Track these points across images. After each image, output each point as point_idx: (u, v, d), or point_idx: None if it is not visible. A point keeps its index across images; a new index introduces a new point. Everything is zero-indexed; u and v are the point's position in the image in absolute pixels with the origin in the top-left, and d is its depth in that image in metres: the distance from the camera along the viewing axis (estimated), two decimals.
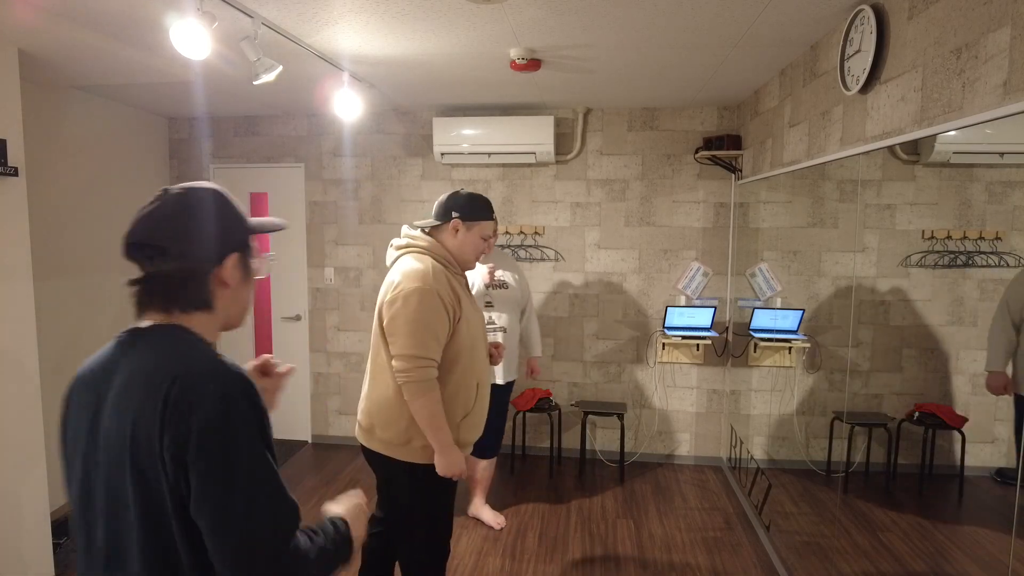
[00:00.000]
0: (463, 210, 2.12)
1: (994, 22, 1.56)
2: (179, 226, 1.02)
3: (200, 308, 1.05)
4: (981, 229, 1.89)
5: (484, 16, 2.45)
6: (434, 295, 1.96)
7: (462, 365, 2.06)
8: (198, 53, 2.24)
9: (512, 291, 3.23)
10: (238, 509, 0.92)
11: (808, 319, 3.02)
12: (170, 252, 1.00)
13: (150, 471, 0.92)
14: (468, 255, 2.16)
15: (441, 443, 1.99)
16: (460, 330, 2.03)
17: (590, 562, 3.11)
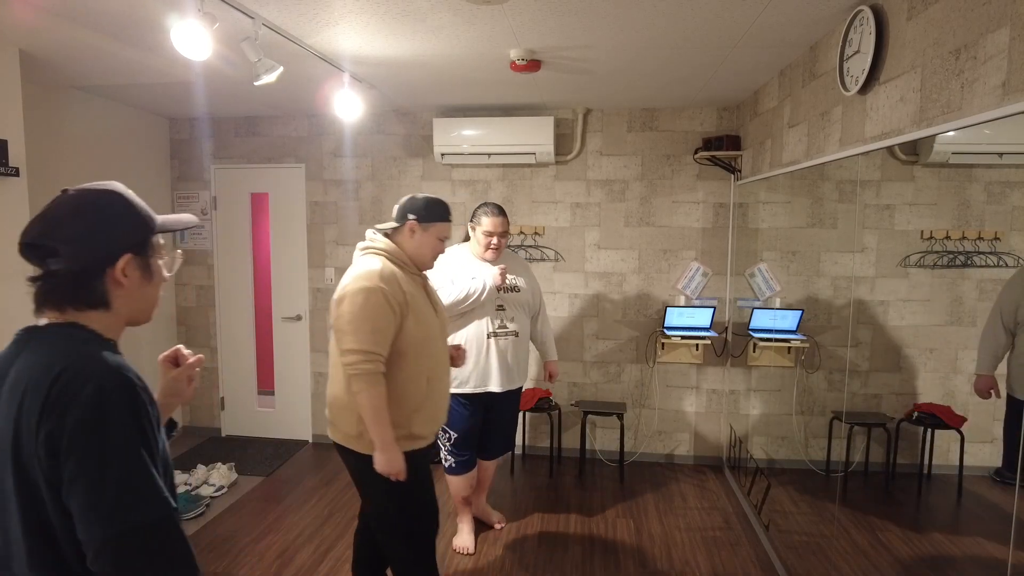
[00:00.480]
0: (419, 213, 2.21)
1: (993, 23, 1.56)
2: (69, 227, 1.03)
3: (95, 307, 1.06)
4: (980, 229, 1.90)
5: (484, 17, 2.46)
6: (379, 293, 2.04)
7: (410, 360, 2.14)
8: (199, 54, 2.25)
9: (524, 295, 3.11)
10: (103, 504, 0.93)
11: (807, 319, 3.02)
12: (61, 253, 1.02)
13: (30, 467, 0.95)
14: (425, 256, 2.25)
15: (380, 439, 2.06)
16: (407, 327, 2.11)
17: (590, 562, 3.11)
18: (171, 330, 4.76)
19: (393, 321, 2.08)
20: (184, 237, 4.73)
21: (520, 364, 3.14)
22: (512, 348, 3.05)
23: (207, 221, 4.70)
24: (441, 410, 2.32)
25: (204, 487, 3.76)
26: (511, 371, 3.07)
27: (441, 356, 2.29)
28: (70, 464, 0.93)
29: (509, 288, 3.06)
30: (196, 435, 4.81)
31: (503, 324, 3.04)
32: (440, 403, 2.30)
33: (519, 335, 3.08)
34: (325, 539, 3.29)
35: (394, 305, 2.07)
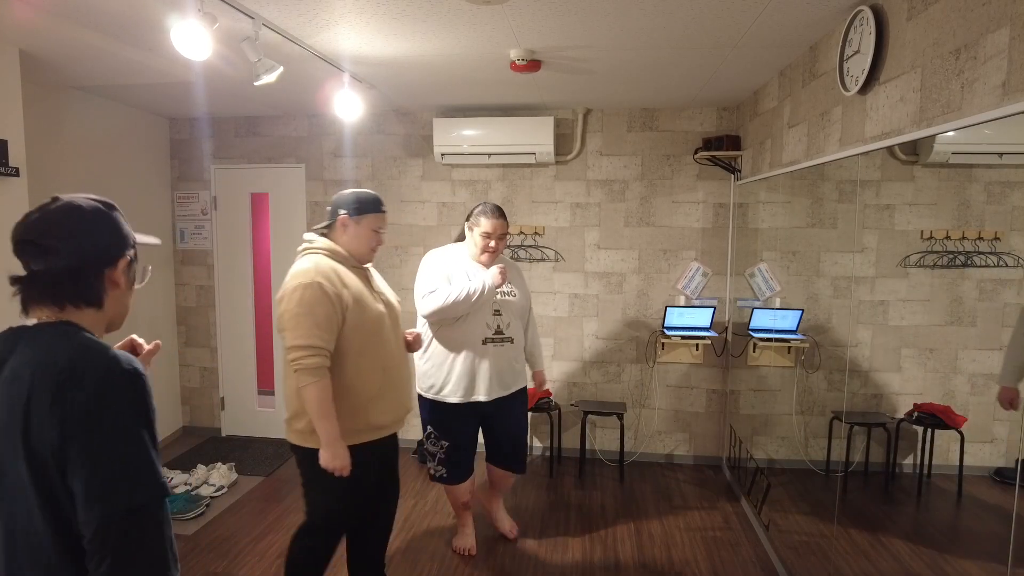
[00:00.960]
0: (349, 206, 2.25)
1: (993, 23, 1.56)
2: (71, 227, 1.08)
3: (91, 304, 1.11)
4: (980, 229, 1.90)
5: (484, 17, 2.46)
6: (316, 287, 2.08)
7: (361, 352, 2.19)
8: (199, 54, 2.25)
9: (520, 300, 3.01)
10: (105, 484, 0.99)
11: (807, 319, 3.02)
12: (62, 250, 1.06)
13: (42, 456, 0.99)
14: (361, 248, 2.28)
15: (326, 434, 2.08)
16: (351, 319, 2.15)
17: (590, 562, 3.11)
18: (171, 330, 4.76)
19: (334, 313, 2.10)
20: (184, 237, 4.73)
21: (515, 369, 3.01)
22: (507, 355, 2.93)
23: (207, 221, 4.70)
24: (403, 398, 2.37)
25: (204, 487, 3.76)
26: (503, 378, 2.93)
27: (394, 345, 2.33)
28: (75, 447, 0.98)
29: (506, 292, 2.96)
30: (196, 435, 4.81)
31: (499, 330, 2.90)
32: (401, 391, 2.35)
33: (515, 342, 2.95)
34: None
35: (333, 298, 2.10)
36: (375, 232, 2.29)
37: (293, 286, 2.09)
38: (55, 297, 1.08)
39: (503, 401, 2.96)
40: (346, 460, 2.12)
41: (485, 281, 2.79)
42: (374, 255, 2.35)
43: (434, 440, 2.98)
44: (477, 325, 2.85)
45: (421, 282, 2.87)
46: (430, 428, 2.97)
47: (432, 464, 3.01)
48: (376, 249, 2.34)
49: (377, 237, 2.31)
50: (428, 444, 3.01)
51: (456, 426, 2.95)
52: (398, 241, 4.51)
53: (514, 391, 3.03)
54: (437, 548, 3.22)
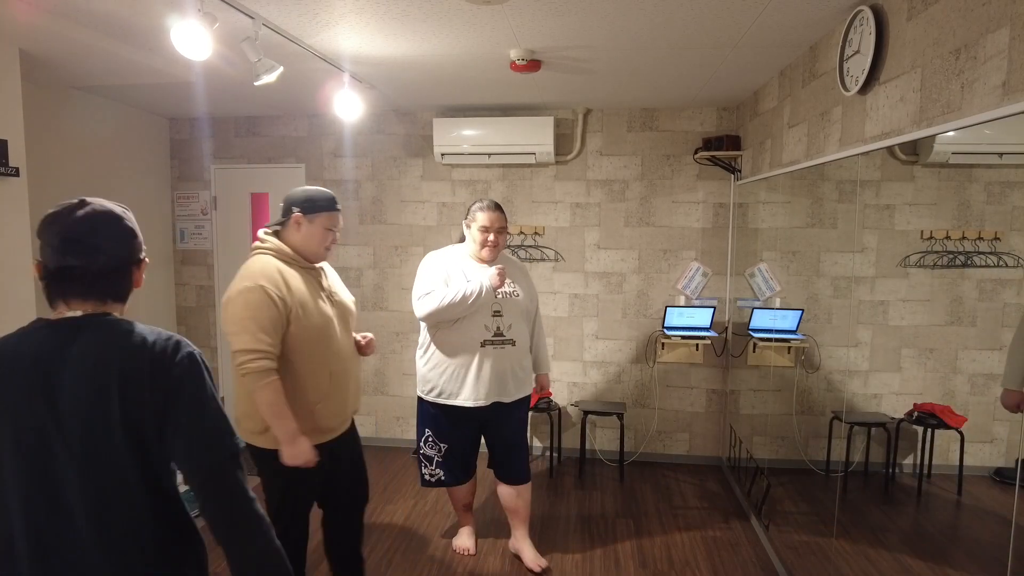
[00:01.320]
0: (302, 205, 2.23)
1: (993, 23, 1.56)
2: (113, 229, 1.24)
3: (122, 299, 1.27)
4: (980, 229, 1.90)
5: (484, 17, 2.46)
6: (259, 291, 2.06)
7: (306, 354, 2.17)
8: (199, 54, 2.25)
9: (522, 300, 2.88)
10: (210, 436, 1.22)
11: (807, 319, 3.02)
12: (107, 251, 1.21)
13: (139, 421, 1.17)
14: (314, 247, 2.25)
15: (283, 432, 2.08)
16: (297, 321, 2.13)
17: (590, 562, 3.11)
18: (171, 330, 4.75)
19: (279, 316, 2.09)
20: (184, 237, 4.73)
21: (519, 375, 2.86)
22: (509, 358, 2.80)
23: (207, 221, 4.70)
24: (349, 400, 2.36)
25: None
26: (506, 383, 2.81)
27: (343, 347, 2.32)
28: (178, 411, 1.19)
29: (508, 293, 2.83)
30: None
31: (499, 332, 2.78)
32: (347, 393, 2.34)
33: (516, 344, 2.82)
34: None
35: (277, 300, 2.08)
36: (328, 231, 2.26)
37: (238, 289, 2.08)
38: (101, 293, 1.22)
39: (502, 408, 2.85)
40: (309, 454, 2.11)
41: (483, 282, 2.70)
42: (328, 254, 2.33)
43: (432, 443, 2.93)
44: (475, 327, 2.76)
45: (417, 284, 2.81)
46: (428, 431, 2.93)
47: (429, 468, 2.96)
48: (330, 248, 2.31)
49: (331, 236, 2.28)
50: (425, 447, 2.96)
51: (454, 430, 2.88)
52: (398, 241, 4.51)
53: (516, 399, 2.89)
54: (437, 548, 3.22)
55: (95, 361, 1.16)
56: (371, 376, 4.64)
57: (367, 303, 4.59)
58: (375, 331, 4.60)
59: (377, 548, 3.22)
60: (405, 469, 4.23)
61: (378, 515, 3.58)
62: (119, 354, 1.17)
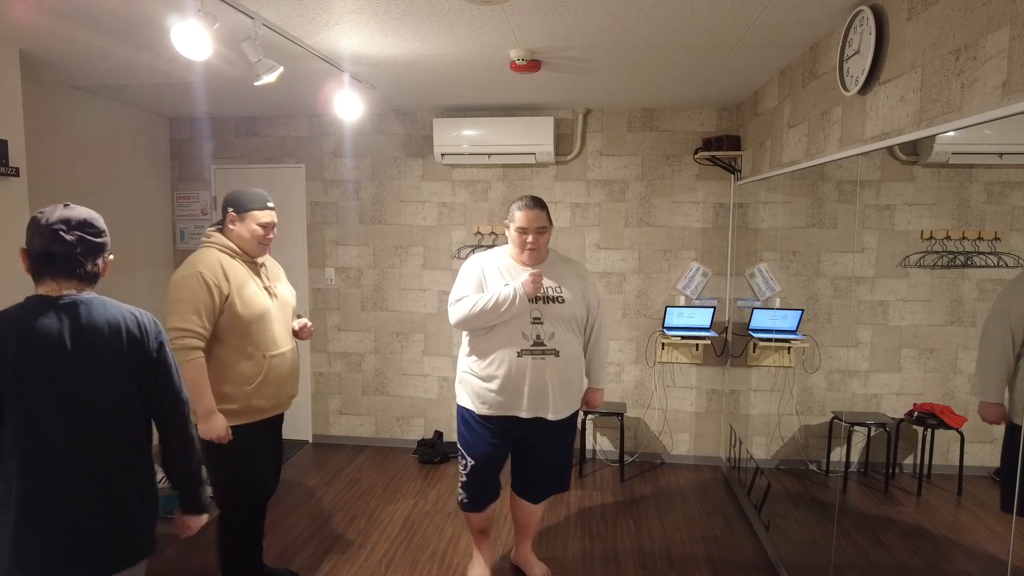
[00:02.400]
0: (235, 204, 2.45)
1: (993, 23, 1.56)
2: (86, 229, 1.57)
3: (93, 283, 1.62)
4: (980, 229, 1.90)
5: (484, 17, 2.46)
6: (196, 277, 2.29)
7: (242, 337, 2.38)
8: (199, 54, 2.25)
9: (568, 306, 2.55)
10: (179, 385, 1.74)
11: (807, 319, 3.02)
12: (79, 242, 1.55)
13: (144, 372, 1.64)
14: (247, 242, 2.45)
15: (201, 407, 2.28)
16: (233, 307, 2.34)
17: (590, 562, 3.11)
18: None
19: (212, 301, 2.30)
20: (184, 237, 4.73)
21: (565, 389, 2.57)
22: (552, 370, 2.51)
23: (207, 221, 4.70)
24: (285, 385, 2.55)
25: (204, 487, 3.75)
26: (547, 396, 2.52)
27: (278, 334, 2.50)
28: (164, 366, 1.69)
29: (549, 298, 2.53)
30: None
31: (539, 340, 2.49)
32: (284, 377, 2.53)
33: (560, 354, 2.51)
34: (325, 539, 3.29)
35: (212, 286, 2.29)
36: (260, 227, 2.45)
37: (179, 275, 2.31)
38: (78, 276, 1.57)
39: (543, 425, 2.57)
40: (221, 431, 2.31)
41: (515, 287, 2.45)
42: (264, 249, 2.51)
43: (462, 455, 2.70)
44: (511, 335, 2.49)
45: (453, 289, 2.62)
46: (459, 444, 2.72)
47: (461, 480, 2.73)
48: (265, 243, 2.49)
49: (261, 232, 2.45)
50: (459, 457, 2.74)
51: (483, 443, 2.62)
52: (398, 241, 4.51)
53: (563, 417, 2.59)
54: (437, 548, 3.22)
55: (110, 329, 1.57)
56: (371, 376, 4.64)
57: (367, 303, 4.59)
58: (375, 331, 4.61)
59: (377, 548, 3.22)
60: (405, 469, 4.23)
61: (378, 515, 3.58)
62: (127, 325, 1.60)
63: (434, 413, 4.61)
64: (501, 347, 2.51)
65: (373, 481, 4.03)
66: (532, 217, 2.53)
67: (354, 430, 4.70)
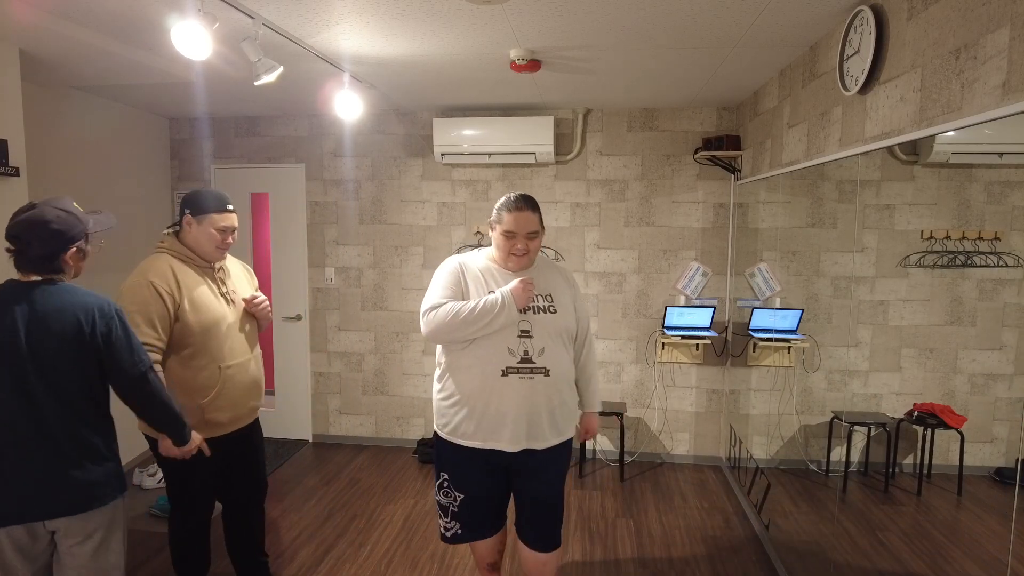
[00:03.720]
0: (192, 206, 2.30)
1: (993, 23, 1.56)
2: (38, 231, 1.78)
3: (58, 273, 1.84)
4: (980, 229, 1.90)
5: (484, 17, 2.46)
6: (148, 286, 2.18)
7: (196, 347, 2.27)
8: (199, 54, 2.25)
9: (560, 318, 2.22)
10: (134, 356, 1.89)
11: (807, 319, 3.02)
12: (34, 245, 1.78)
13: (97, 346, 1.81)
14: (204, 247, 2.32)
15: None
16: (185, 316, 2.24)
17: (590, 562, 3.11)
18: None
19: (164, 310, 2.19)
20: None
21: (556, 414, 2.21)
22: (542, 391, 2.16)
23: None
24: (245, 397, 2.43)
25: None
26: (538, 424, 2.17)
27: (235, 344, 2.38)
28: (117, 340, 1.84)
29: (540, 308, 2.20)
30: None
31: (527, 357, 2.14)
32: (243, 389, 2.41)
33: (551, 373, 2.16)
34: (325, 539, 3.29)
35: (163, 294, 2.19)
36: (217, 231, 2.31)
37: (128, 285, 2.20)
38: (39, 269, 1.81)
39: (532, 455, 2.21)
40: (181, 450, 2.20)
41: (502, 295, 2.10)
42: (221, 253, 2.38)
43: (447, 490, 2.31)
44: (495, 351, 2.13)
45: (428, 294, 2.23)
46: (443, 475, 2.31)
47: (444, 519, 2.34)
48: (222, 248, 2.35)
49: (218, 236, 2.32)
50: (439, 494, 2.34)
51: (473, 476, 2.26)
52: (398, 241, 4.52)
53: (552, 444, 2.23)
54: (437, 548, 3.22)
55: (61, 313, 1.78)
56: (371, 376, 4.64)
57: (367, 303, 4.59)
58: (375, 331, 4.61)
59: (377, 548, 3.22)
60: (405, 469, 4.24)
61: (378, 515, 3.58)
62: (77, 308, 1.80)
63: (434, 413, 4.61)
64: (481, 364, 2.14)
65: (373, 481, 4.03)
66: (523, 220, 2.16)
67: (354, 430, 4.70)
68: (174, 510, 2.50)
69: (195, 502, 2.48)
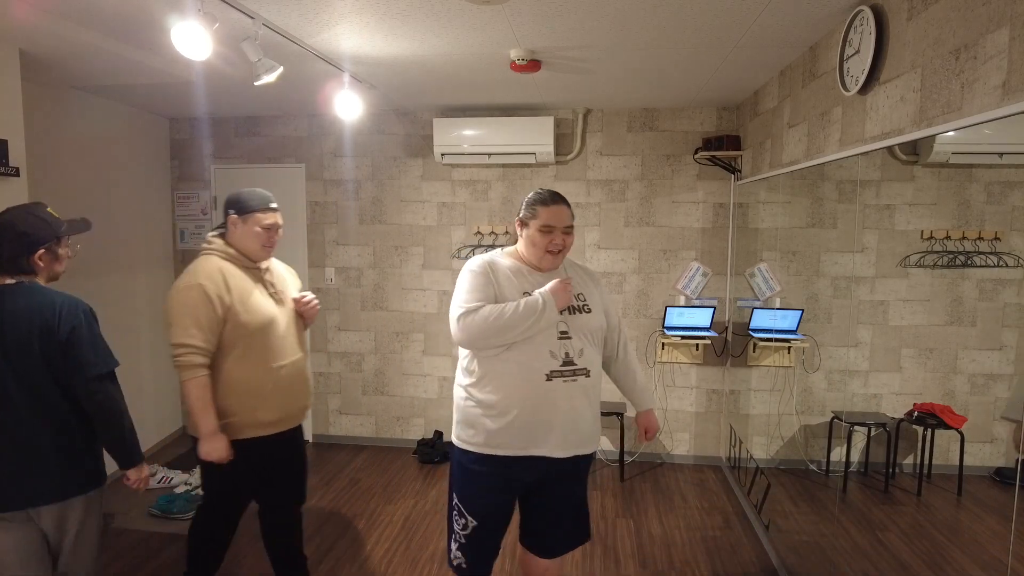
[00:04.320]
0: (236, 206, 2.32)
1: (993, 23, 1.56)
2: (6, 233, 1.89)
3: (28, 274, 1.93)
4: (980, 229, 1.90)
5: (484, 17, 2.46)
6: (196, 288, 2.18)
7: (247, 348, 2.27)
8: (199, 54, 2.25)
9: (594, 318, 2.15)
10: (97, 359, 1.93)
11: (807, 319, 3.02)
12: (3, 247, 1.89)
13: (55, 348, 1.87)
14: (250, 246, 2.33)
15: (203, 426, 2.19)
16: (236, 317, 2.23)
17: (590, 562, 3.11)
18: None
19: (215, 314, 2.19)
20: (184, 237, 4.73)
21: (595, 417, 2.16)
22: (584, 394, 2.07)
23: (207, 221, 4.70)
24: (295, 396, 2.43)
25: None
26: (580, 428, 2.08)
27: (285, 344, 2.39)
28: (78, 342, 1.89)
29: (575, 308, 2.12)
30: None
31: (568, 359, 2.05)
32: (293, 389, 2.41)
33: (591, 374, 2.09)
34: (325, 539, 3.29)
35: (215, 299, 2.19)
36: (263, 229, 2.32)
37: (179, 287, 2.21)
38: (10, 271, 1.91)
39: (569, 463, 2.11)
40: (222, 452, 2.22)
41: (543, 297, 2.01)
42: (267, 252, 2.38)
43: (458, 514, 2.16)
44: (537, 354, 2.02)
45: (458, 296, 2.08)
46: (456, 499, 2.17)
47: (453, 547, 2.20)
48: (269, 246, 2.36)
49: (266, 235, 2.33)
50: (451, 520, 2.20)
51: (490, 497, 2.13)
52: (398, 241, 4.52)
53: (590, 451, 2.17)
54: (437, 548, 3.22)
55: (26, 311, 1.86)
56: (371, 376, 4.64)
57: (367, 303, 4.59)
58: (375, 331, 4.61)
59: (377, 548, 3.22)
60: (405, 469, 4.23)
61: (378, 515, 3.58)
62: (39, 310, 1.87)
63: (434, 413, 4.61)
64: (523, 370, 2.02)
65: (373, 481, 4.03)
66: (560, 214, 2.09)
67: (354, 430, 4.70)
68: (204, 502, 2.53)
69: (226, 500, 2.48)
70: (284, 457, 2.49)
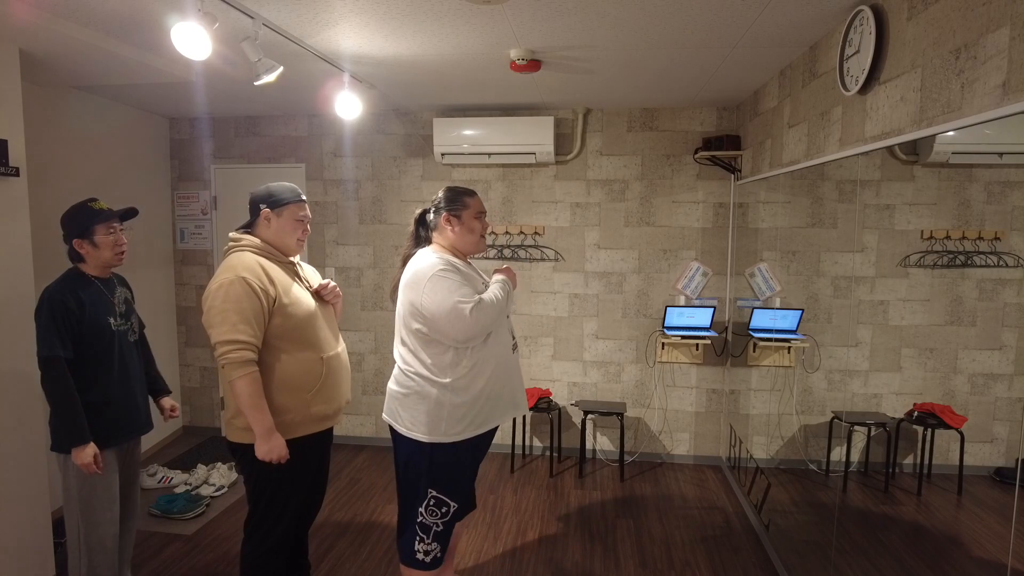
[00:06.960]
0: (268, 200, 2.27)
1: (993, 22, 1.56)
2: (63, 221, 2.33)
3: (76, 261, 2.36)
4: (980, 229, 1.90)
5: (484, 17, 2.46)
6: (240, 282, 2.08)
7: (296, 342, 2.19)
8: (199, 54, 2.25)
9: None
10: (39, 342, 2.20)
11: (807, 319, 3.02)
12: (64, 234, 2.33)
13: None
14: (286, 239, 2.29)
15: (259, 425, 2.08)
16: (282, 311, 2.16)
17: (590, 562, 3.11)
18: (171, 330, 4.76)
19: (261, 307, 2.10)
20: (184, 237, 4.73)
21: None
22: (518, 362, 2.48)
23: (207, 221, 4.70)
24: (342, 387, 2.37)
25: (204, 487, 3.76)
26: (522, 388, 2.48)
27: (327, 335, 2.32)
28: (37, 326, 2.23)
29: None
30: (196, 435, 4.81)
31: (513, 335, 2.42)
32: (340, 380, 2.35)
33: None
34: (326, 538, 3.29)
35: (259, 291, 2.10)
36: (298, 222, 2.29)
37: (219, 283, 2.10)
38: (71, 260, 2.36)
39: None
40: (283, 450, 2.12)
41: (503, 281, 2.34)
42: (301, 246, 2.34)
43: (434, 506, 2.25)
44: (506, 334, 2.34)
45: (450, 295, 2.13)
46: (432, 492, 2.24)
47: (424, 543, 2.27)
48: (302, 240, 2.32)
49: (301, 226, 2.30)
50: (425, 514, 2.25)
51: (471, 469, 2.37)
52: (398, 241, 4.51)
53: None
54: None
55: None
56: (371, 376, 4.64)
57: (367, 303, 4.59)
58: (375, 331, 4.61)
59: (377, 548, 3.22)
60: None
61: (378, 515, 3.58)
62: None
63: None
64: (501, 348, 2.27)
65: (373, 481, 4.03)
66: (481, 201, 2.39)
67: (354, 430, 4.70)
68: (254, 529, 2.25)
69: (286, 511, 2.25)
70: (322, 454, 2.40)
